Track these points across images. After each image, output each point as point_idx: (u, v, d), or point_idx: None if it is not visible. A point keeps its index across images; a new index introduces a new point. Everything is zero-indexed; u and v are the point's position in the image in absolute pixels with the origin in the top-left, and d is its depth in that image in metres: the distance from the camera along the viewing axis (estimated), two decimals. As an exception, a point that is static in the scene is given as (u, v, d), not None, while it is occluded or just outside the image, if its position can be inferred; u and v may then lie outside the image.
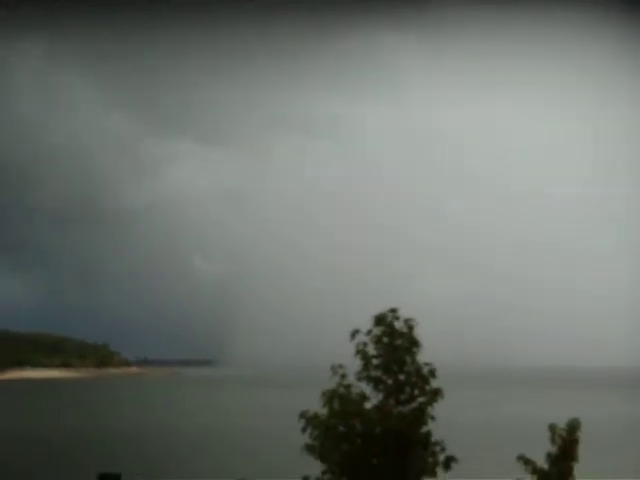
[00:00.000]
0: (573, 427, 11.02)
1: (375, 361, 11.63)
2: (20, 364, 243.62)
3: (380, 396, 11.58)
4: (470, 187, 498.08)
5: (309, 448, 11.42)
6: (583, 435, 11.03)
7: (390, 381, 11.57)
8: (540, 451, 11.22)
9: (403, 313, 11.84)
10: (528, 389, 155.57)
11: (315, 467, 11.49)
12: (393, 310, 11.79)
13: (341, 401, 11.42)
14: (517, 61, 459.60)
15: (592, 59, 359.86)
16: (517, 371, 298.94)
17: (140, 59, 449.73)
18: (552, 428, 11.11)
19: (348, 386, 11.58)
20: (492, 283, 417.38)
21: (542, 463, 11.05)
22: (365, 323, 11.77)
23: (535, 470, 10.99)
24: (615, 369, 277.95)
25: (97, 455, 51.20)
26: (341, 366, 11.71)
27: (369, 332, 11.67)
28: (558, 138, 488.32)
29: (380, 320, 11.71)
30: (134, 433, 66.44)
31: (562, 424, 11.15)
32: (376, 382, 11.59)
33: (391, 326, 11.68)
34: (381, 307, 11.86)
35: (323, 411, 11.44)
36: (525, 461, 11.08)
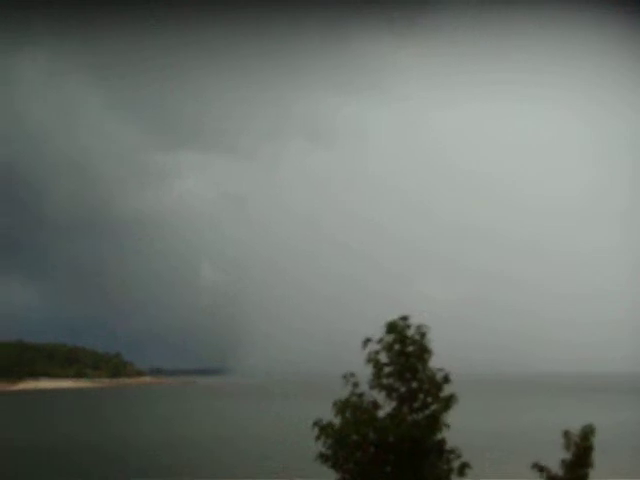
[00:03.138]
0: (587, 433, 10.93)
1: (387, 369, 11.61)
2: (35, 375, 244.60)
3: (393, 404, 11.55)
4: (475, 190, 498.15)
5: (323, 457, 11.40)
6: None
7: (403, 389, 11.54)
8: (553, 459, 11.16)
9: (413, 320, 11.81)
10: (532, 395, 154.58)
11: (329, 476, 11.47)
12: (404, 318, 11.76)
13: (354, 410, 11.40)
14: (518, 62, 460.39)
15: (594, 59, 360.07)
16: (519, 377, 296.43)
17: (145, 68, 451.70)
18: (566, 435, 11.03)
19: (360, 395, 11.55)
20: (496, 286, 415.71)
21: (557, 470, 10.97)
22: (375, 331, 11.74)
23: (550, 477, 10.91)
24: (618, 374, 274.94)
25: (121, 465, 51.27)
26: (353, 374, 11.69)
27: (380, 340, 11.67)
28: (559, 138, 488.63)
29: (391, 328, 11.69)
30: (162, 442, 66.47)
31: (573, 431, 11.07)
32: (389, 390, 11.56)
33: (402, 333, 11.66)
34: (391, 314, 11.84)
35: (336, 420, 11.41)
36: (540, 468, 11.00)
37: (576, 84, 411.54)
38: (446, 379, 11.62)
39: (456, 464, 11.39)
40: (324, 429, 11.33)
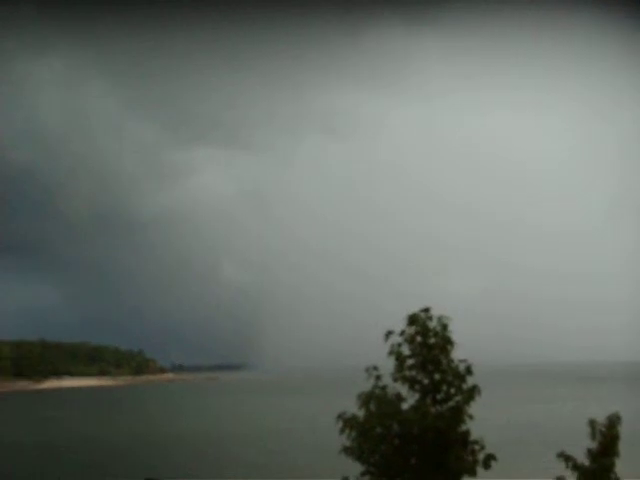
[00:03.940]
0: (613, 422, 10.83)
1: (409, 361, 11.60)
2: (58, 373, 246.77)
3: (416, 396, 11.56)
4: (494, 183, 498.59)
5: (347, 450, 11.43)
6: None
7: (426, 381, 11.54)
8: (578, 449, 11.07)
9: (434, 312, 11.78)
10: (555, 385, 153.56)
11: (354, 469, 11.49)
12: (426, 309, 11.75)
13: (378, 402, 11.42)
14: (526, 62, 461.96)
15: (593, 59, 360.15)
16: (540, 366, 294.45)
17: (159, 64, 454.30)
18: (592, 424, 10.93)
19: (384, 387, 11.57)
20: (515, 278, 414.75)
21: (583, 459, 10.88)
22: (396, 325, 11.73)
23: (576, 467, 10.82)
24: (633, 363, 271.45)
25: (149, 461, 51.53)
26: (375, 367, 11.71)
27: (402, 332, 11.67)
28: (571, 134, 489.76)
29: (413, 320, 11.68)
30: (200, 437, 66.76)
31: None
32: (412, 382, 11.55)
33: (424, 325, 11.65)
34: (410, 308, 11.82)
35: (360, 413, 11.44)
36: (566, 458, 10.92)
37: (575, 84, 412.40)
38: (469, 370, 11.58)
39: (481, 456, 11.36)
40: (348, 421, 11.37)
